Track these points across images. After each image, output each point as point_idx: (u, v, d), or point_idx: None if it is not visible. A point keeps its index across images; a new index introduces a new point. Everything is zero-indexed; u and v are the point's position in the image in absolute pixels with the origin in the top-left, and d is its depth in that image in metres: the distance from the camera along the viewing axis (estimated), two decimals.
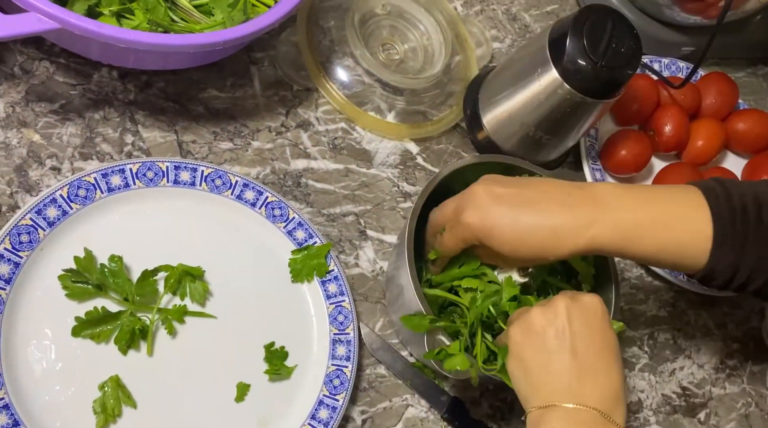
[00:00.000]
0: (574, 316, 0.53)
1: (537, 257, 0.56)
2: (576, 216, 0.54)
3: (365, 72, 0.78)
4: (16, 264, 0.58)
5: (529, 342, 0.54)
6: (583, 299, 0.55)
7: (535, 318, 0.54)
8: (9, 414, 0.55)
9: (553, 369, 0.52)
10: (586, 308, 0.54)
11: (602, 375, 0.52)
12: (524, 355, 0.54)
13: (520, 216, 0.55)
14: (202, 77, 0.72)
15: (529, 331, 0.54)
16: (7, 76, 0.65)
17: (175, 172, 0.65)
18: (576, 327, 0.53)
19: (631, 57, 0.69)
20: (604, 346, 0.53)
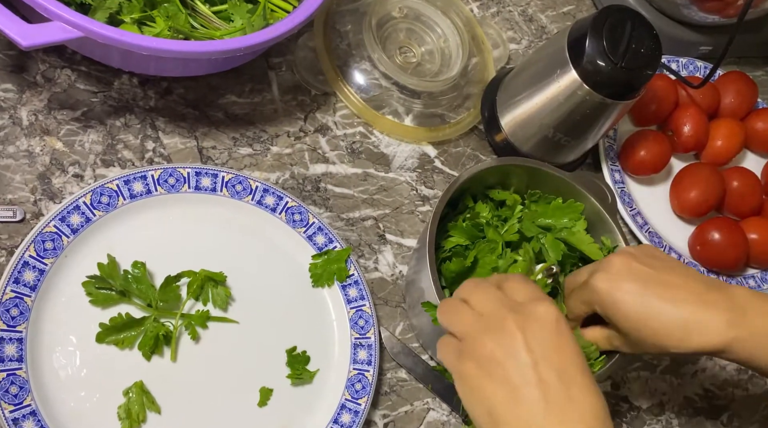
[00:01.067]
0: (532, 337, 0.46)
1: (658, 345, 0.54)
2: (711, 316, 0.52)
3: (382, 75, 0.78)
4: (41, 271, 0.58)
5: (488, 377, 0.46)
6: (536, 312, 0.47)
7: (490, 348, 0.46)
8: (36, 421, 0.55)
9: (522, 406, 0.45)
10: (542, 323, 0.46)
11: (579, 400, 0.45)
12: (485, 392, 0.46)
13: (651, 297, 0.53)
14: (221, 83, 0.72)
15: (486, 363, 0.46)
16: (29, 85, 0.65)
17: (197, 178, 0.65)
18: (537, 350, 0.45)
19: (650, 57, 0.69)
20: (573, 365, 0.46)
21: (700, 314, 0.53)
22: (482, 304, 0.49)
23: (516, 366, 0.45)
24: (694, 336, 0.52)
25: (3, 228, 0.61)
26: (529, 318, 0.46)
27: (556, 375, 0.45)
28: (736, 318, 0.52)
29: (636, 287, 0.54)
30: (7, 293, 0.57)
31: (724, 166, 0.88)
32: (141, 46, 0.56)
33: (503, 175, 0.68)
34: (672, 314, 0.53)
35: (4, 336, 0.56)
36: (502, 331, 0.46)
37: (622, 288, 0.54)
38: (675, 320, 0.53)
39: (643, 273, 0.54)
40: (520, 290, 0.50)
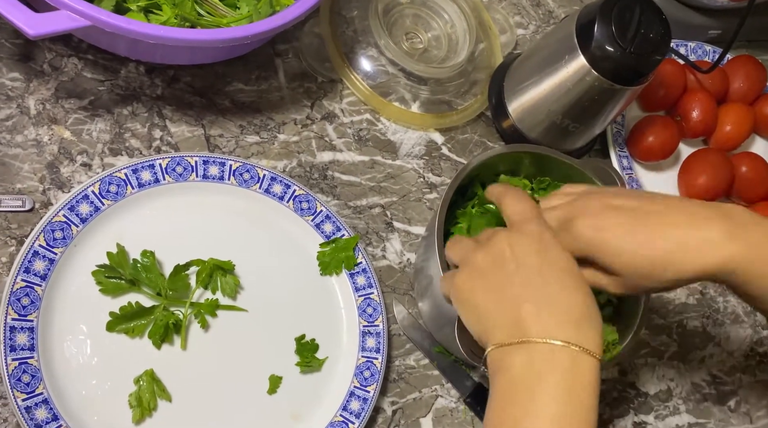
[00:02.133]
0: (518, 246, 0.49)
1: (655, 274, 0.50)
2: (709, 231, 0.48)
3: (389, 62, 0.77)
4: (51, 261, 0.59)
5: (477, 286, 0.50)
6: (524, 228, 0.50)
7: (480, 259, 0.50)
8: (48, 409, 0.56)
9: (505, 304, 0.48)
10: (528, 235, 0.50)
11: (561, 298, 0.47)
12: (475, 299, 0.50)
13: (641, 228, 0.50)
14: (227, 71, 0.72)
15: (476, 274, 0.50)
16: (36, 74, 0.65)
17: (204, 167, 0.65)
18: (521, 256, 0.49)
19: (659, 42, 0.68)
20: (554, 266, 0.48)
21: (697, 232, 0.49)
22: (482, 235, 0.53)
23: (502, 270, 0.49)
24: (694, 256, 0.48)
25: (12, 218, 0.61)
26: (517, 233, 0.50)
27: (537, 275, 0.48)
28: (735, 229, 0.48)
29: (624, 221, 0.50)
30: (17, 282, 0.57)
31: (733, 152, 0.87)
32: (148, 34, 0.56)
33: (512, 162, 0.68)
34: (668, 237, 0.49)
35: (15, 326, 0.56)
36: (491, 245, 0.50)
37: (609, 226, 0.50)
38: (672, 243, 0.49)
39: (625, 207, 0.51)
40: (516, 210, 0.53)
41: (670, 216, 0.50)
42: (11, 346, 0.56)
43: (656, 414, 0.76)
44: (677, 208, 0.50)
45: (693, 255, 0.48)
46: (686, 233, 0.49)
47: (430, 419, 0.68)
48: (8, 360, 0.55)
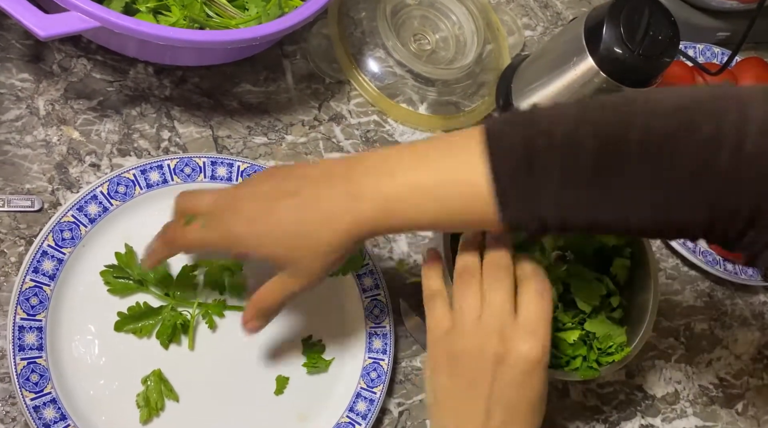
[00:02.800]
0: (501, 377, 0.47)
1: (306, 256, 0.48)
2: (337, 199, 0.46)
3: (397, 63, 0.78)
4: (60, 261, 0.59)
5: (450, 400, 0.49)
6: (518, 349, 0.47)
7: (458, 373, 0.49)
8: (56, 408, 0.56)
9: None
10: (518, 364, 0.47)
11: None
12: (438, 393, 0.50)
13: (277, 210, 0.48)
14: (235, 72, 0.72)
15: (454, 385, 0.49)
16: (46, 74, 0.65)
17: (212, 168, 0.65)
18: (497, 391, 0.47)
19: (668, 45, 0.68)
20: (522, 408, 0.48)
21: (325, 203, 0.47)
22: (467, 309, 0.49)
23: (474, 397, 0.47)
24: (323, 231, 0.47)
25: (21, 218, 0.61)
26: (511, 353, 0.47)
27: (502, 413, 0.47)
28: (356, 189, 0.46)
29: (265, 205, 0.48)
30: (26, 282, 0.57)
31: None
32: (157, 35, 0.56)
33: None
34: (294, 213, 0.47)
35: (24, 325, 0.56)
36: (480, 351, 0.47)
37: (256, 215, 0.48)
38: (299, 217, 0.47)
39: (268, 191, 0.49)
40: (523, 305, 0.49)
41: (304, 189, 0.48)
42: (20, 346, 0.56)
43: (663, 417, 0.76)
44: (312, 179, 0.48)
45: (322, 233, 0.47)
46: (311, 210, 0.47)
47: None
48: (17, 359, 0.55)
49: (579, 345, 0.62)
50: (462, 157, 0.45)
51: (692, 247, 0.81)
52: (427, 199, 0.45)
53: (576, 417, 0.73)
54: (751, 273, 0.83)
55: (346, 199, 0.46)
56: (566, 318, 0.63)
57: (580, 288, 0.63)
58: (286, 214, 0.48)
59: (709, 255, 0.82)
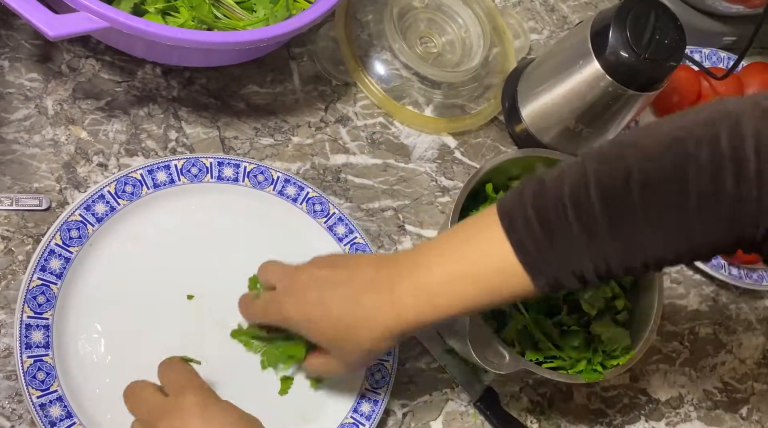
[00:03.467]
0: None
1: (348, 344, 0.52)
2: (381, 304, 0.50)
3: (403, 65, 0.78)
4: (67, 260, 0.59)
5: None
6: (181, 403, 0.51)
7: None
8: (62, 406, 0.56)
9: None
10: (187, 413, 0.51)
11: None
12: None
13: (327, 298, 0.52)
14: (242, 73, 0.72)
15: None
16: (54, 74, 0.66)
17: (219, 168, 0.65)
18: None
19: (674, 49, 0.68)
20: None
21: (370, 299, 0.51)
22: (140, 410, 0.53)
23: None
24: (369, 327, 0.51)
25: (29, 217, 0.61)
26: (176, 420, 0.50)
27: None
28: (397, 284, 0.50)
29: (316, 294, 0.53)
30: (34, 280, 0.57)
31: None
32: (165, 36, 0.56)
33: (525, 167, 0.68)
34: (341, 307, 0.51)
35: (31, 323, 0.57)
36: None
37: (308, 302, 0.53)
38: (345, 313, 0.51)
39: (322, 278, 0.53)
40: (172, 381, 0.54)
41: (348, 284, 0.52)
42: (27, 344, 0.56)
43: (667, 421, 0.76)
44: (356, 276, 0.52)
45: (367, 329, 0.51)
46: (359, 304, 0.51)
47: (441, 422, 0.68)
48: (24, 357, 0.56)
49: (583, 348, 0.63)
50: (486, 240, 0.48)
51: None
52: (467, 285, 0.49)
53: (580, 420, 0.73)
54: (756, 278, 0.83)
55: (391, 306, 0.50)
56: (571, 321, 0.63)
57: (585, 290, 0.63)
58: (336, 307, 0.52)
59: (714, 259, 0.82)
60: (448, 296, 0.49)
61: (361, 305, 0.51)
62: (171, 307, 0.62)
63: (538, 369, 0.60)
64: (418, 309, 0.50)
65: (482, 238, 0.48)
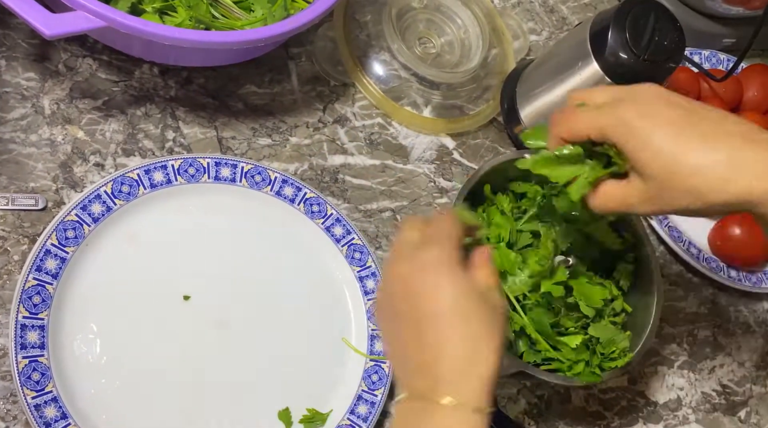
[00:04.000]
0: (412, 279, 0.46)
1: (693, 190, 0.45)
2: (763, 153, 0.44)
3: (402, 66, 0.78)
4: (63, 260, 0.59)
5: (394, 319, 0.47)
6: (422, 256, 0.46)
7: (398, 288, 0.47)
8: (57, 407, 0.56)
9: (397, 340, 0.47)
10: (424, 265, 0.46)
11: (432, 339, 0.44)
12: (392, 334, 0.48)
13: (691, 131, 0.45)
14: (240, 73, 0.72)
15: (391, 306, 0.48)
16: (52, 73, 0.66)
17: (216, 169, 0.65)
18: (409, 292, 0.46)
19: (674, 50, 0.68)
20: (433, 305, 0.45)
21: (750, 151, 0.44)
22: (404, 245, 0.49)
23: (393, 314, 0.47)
24: (741, 173, 0.44)
25: (25, 217, 0.61)
26: (415, 266, 0.46)
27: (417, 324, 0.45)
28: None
29: (675, 117, 0.46)
30: (29, 281, 0.57)
31: None
32: (163, 35, 0.56)
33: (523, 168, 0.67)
34: (717, 150, 0.44)
35: (26, 324, 0.56)
36: (391, 279, 0.48)
37: (657, 118, 0.46)
38: (719, 157, 0.44)
39: (681, 105, 0.47)
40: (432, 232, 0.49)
41: (723, 128, 0.45)
42: (22, 344, 0.56)
43: (665, 424, 0.76)
44: (732, 124, 0.46)
45: (741, 175, 0.44)
46: (739, 149, 0.44)
47: None
48: (19, 357, 0.55)
49: (582, 350, 0.62)
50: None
51: (696, 254, 0.81)
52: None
53: (577, 422, 0.72)
54: (755, 281, 0.83)
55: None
56: (569, 323, 0.63)
57: (584, 292, 0.63)
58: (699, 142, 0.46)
59: (713, 261, 0.82)
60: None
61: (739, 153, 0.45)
62: (167, 308, 0.62)
63: (535, 371, 0.60)
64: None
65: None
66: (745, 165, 0.44)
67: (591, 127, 0.48)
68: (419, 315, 0.45)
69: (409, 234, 0.49)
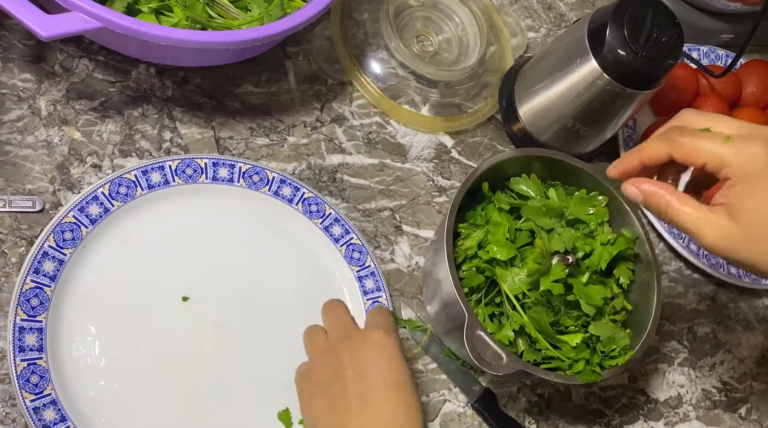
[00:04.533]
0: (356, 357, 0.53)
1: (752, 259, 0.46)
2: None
3: (399, 64, 0.77)
4: (60, 262, 0.59)
5: (317, 392, 0.54)
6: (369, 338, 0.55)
7: (320, 369, 0.55)
8: (56, 410, 0.56)
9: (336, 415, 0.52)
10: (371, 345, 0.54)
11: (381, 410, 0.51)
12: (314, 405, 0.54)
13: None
14: (237, 73, 0.72)
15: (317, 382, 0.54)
16: (48, 74, 0.65)
17: (214, 169, 0.65)
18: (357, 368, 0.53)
19: (672, 47, 0.68)
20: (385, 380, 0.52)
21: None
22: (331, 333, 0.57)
23: (336, 381, 0.53)
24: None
25: (22, 219, 0.61)
26: (360, 343, 0.54)
27: (366, 388, 0.52)
28: None
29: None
30: (27, 283, 0.57)
31: None
32: (159, 36, 0.56)
33: (523, 166, 0.67)
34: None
35: (24, 326, 0.56)
36: (335, 354, 0.54)
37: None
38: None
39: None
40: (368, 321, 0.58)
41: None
42: (20, 347, 0.56)
43: (666, 421, 0.76)
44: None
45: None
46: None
47: (438, 423, 0.67)
48: (17, 360, 0.55)
49: (582, 348, 0.62)
50: None
51: (696, 250, 0.81)
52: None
53: (578, 420, 0.72)
54: (754, 277, 0.83)
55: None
56: (569, 321, 0.63)
57: (584, 290, 0.63)
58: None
59: (712, 258, 0.82)
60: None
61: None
62: (166, 309, 0.61)
63: (535, 370, 0.60)
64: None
65: None
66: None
67: (714, 158, 0.46)
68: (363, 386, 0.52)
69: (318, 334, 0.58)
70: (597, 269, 0.65)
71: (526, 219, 0.65)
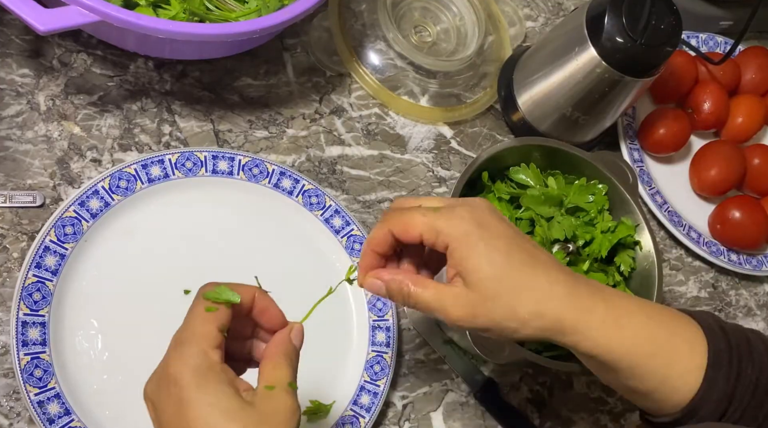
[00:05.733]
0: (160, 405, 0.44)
1: (510, 309, 0.47)
2: (580, 289, 0.48)
3: (398, 55, 0.77)
4: (62, 256, 0.59)
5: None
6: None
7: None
8: (60, 403, 0.56)
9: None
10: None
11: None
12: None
13: (521, 253, 0.48)
14: (236, 65, 0.72)
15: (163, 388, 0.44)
16: (46, 69, 0.65)
17: (213, 162, 0.65)
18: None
19: (671, 34, 0.68)
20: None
21: (562, 284, 0.48)
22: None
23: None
24: (555, 302, 0.47)
25: (23, 214, 0.61)
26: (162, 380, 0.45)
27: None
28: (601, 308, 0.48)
29: (507, 233, 0.48)
30: (29, 278, 0.57)
31: (744, 144, 0.87)
32: (157, 29, 0.56)
33: (522, 156, 0.67)
34: (537, 275, 0.47)
35: (27, 321, 0.56)
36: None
37: (492, 231, 0.47)
38: (541, 281, 0.47)
39: (510, 224, 0.50)
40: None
41: (542, 253, 0.49)
42: (23, 341, 0.56)
43: None
44: (545, 252, 0.50)
45: (554, 303, 0.47)
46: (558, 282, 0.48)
47: (441, 413, 0.68)
48: (21, 354, 0.56)
49: None
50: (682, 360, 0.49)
51: (696, 238, 0.81)
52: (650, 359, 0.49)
53: (580, 408, 0.73)
54: (755, 264, 0.83)
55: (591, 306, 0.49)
56: None
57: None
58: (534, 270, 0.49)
59: (713, 245, 0.82)
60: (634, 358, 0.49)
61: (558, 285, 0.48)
62: (168, 302, 0.61)
63: (537, 358, 0.60)
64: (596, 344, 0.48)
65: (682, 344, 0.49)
66: (559, 295, 0.47)
67: (427, 227, 0.48)
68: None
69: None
70: (598, 257, 0.65)
71: (526, 208, 0.65)
